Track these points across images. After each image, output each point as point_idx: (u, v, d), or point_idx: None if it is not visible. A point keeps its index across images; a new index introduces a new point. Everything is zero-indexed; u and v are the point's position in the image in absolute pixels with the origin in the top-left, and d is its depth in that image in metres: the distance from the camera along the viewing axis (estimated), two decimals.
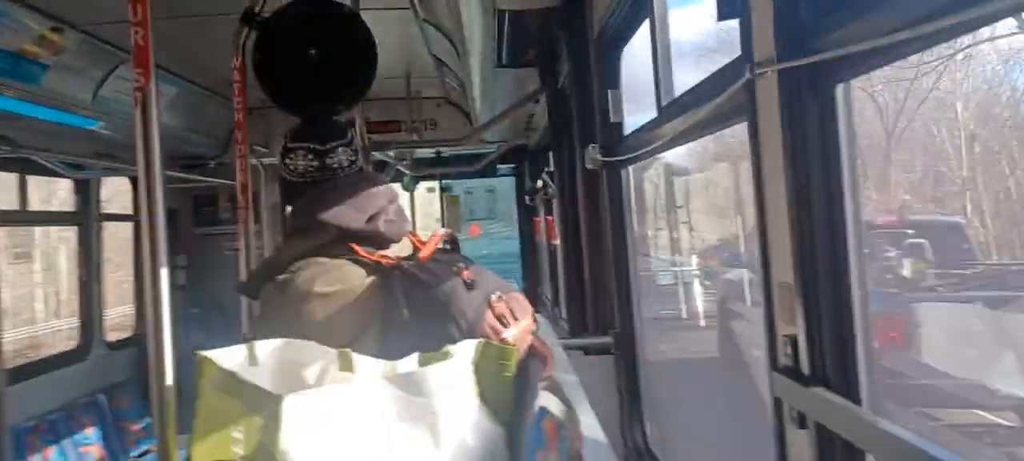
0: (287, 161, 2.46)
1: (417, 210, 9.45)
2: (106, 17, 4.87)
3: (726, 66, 1.97)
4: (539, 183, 7.76)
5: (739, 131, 1.93)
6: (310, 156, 2.43)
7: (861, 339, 1.51)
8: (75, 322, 8.49)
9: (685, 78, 2.76)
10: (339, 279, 2.27)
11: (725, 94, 1.83)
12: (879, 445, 1.31)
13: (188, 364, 2.00)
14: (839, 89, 1.52)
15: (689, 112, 2.28)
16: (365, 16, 3.13)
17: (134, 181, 8.15)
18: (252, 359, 2.06)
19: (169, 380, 2.05)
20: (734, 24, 1.81)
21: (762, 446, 1.84)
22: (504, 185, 11.24)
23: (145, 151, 2.05)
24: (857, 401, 1.49)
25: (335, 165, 2.44)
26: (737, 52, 1.83)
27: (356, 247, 2.30)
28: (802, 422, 1.58)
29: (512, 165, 10.24)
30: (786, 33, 1.56)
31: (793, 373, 1.61)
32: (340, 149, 2.46)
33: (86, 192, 7.35)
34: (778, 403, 1.69)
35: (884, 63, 1.42)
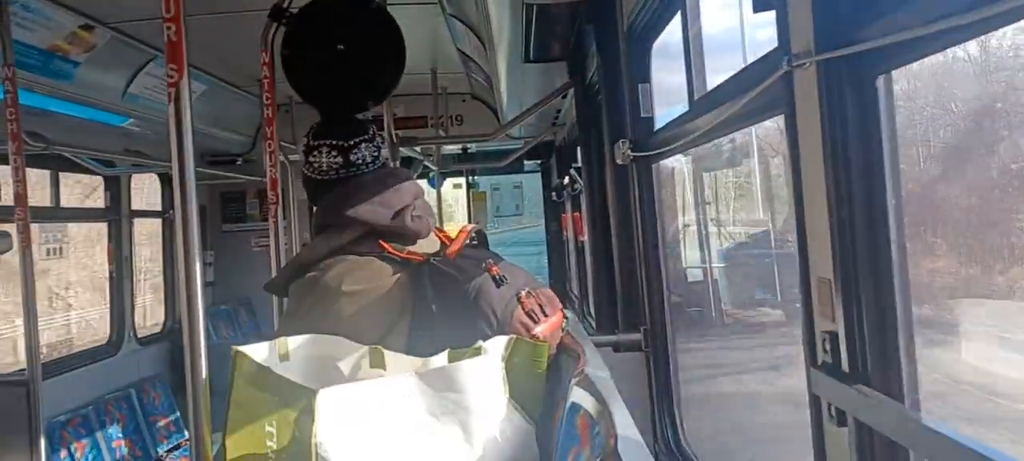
0: (311, 159, 2.47)
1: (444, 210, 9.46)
2: (136, 14, 4.91)
3: (762, 58, 1.94)
4: (566, 179, 7.74)
5: None
6: (334, 153, 2.43)
7: (903, 335, 1.48)
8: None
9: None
10: (368, 276, 2.27)
11: (761, 87, 1.80)
12: (923, 443, 1.28)
13: (216, 359, 2.01)
14: (880, 80, 1.49)
15: (723, 105, 2.26)
16: (391, 11, 3.12)
17: (162, 177, 8.23)
18: (283, 354, 2.07)
19: (203, 374, 2.06)
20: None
21: None
22: (531, 181, 11.21)
23: (178, 147, 2.06)
24: (899, 398, 1.46)
25: (359, 161, 2.45)
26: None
27: (384, 244, 2.30)
28: (842, 420, 1.55)
29: (539, 161, 10.23)
30: (825, 23, 1.53)
31: (832, 370, 1.58)
32: (363, 145, 2.46)
33: (116, 189, 7.44)
34: (816, 400, 1.66)
35: (927, 53, 1.39)
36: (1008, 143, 2.16)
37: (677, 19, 2.94)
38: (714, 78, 2.72)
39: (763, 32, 1.91)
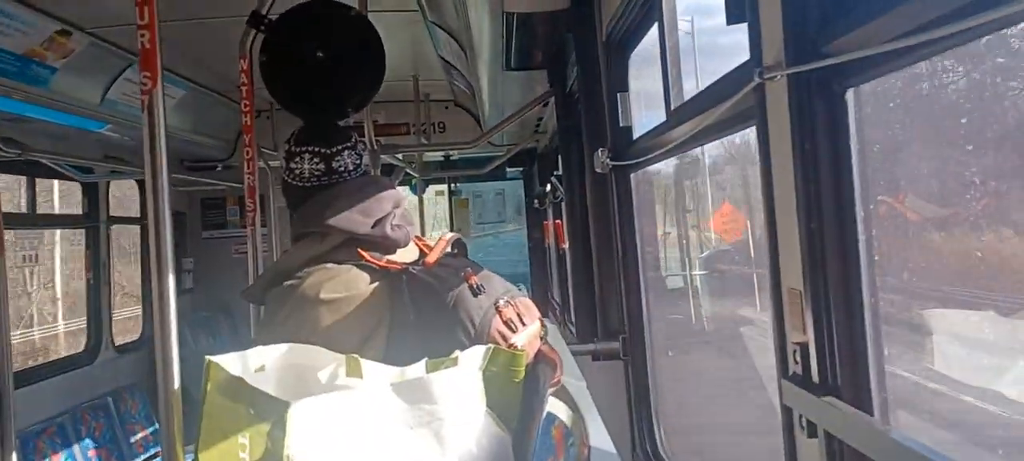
0: (292, 165, 2.44)
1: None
2: (114, 20, 4.89)
3: (735, 70, 1.95)
4: (548, 187, 7.75)
5: None
6: (316, 160, 2.41)
7: (872, 347, 1.49)
8: None
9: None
10: (346, 285, 2.26)
11: (734, 98, 1.80)
12: (890, 456, 1.29)
13: (195, 368, 1.99)
14: (850, 94, 1.50)
15: (698, 116, 2.26)
16: (373, 18, 3.12)
17: (141, 184, 8.18)
18: (259, 364, 2.05)
19: (175, 384, 2.04)
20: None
21: None
22: (514, 188, 11.24)
23: (151, 154, 2.04)
24: (868, 410, 1.47)
25: (341, 169, 2.43)
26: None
27: (363, 252, 2.29)
28: (812, 431, 1.55)
29: (521, 168, 10.24)
30: (795, 37, 1.54)
31: (803, 381, 1.59)
32: (346, 152, 2.45)
33: (94, 195, 7.39)
34: (788, 411, 1.67)
35: (895, 68, 1.39)
36: None
37: (655, 30, 2.94)
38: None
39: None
